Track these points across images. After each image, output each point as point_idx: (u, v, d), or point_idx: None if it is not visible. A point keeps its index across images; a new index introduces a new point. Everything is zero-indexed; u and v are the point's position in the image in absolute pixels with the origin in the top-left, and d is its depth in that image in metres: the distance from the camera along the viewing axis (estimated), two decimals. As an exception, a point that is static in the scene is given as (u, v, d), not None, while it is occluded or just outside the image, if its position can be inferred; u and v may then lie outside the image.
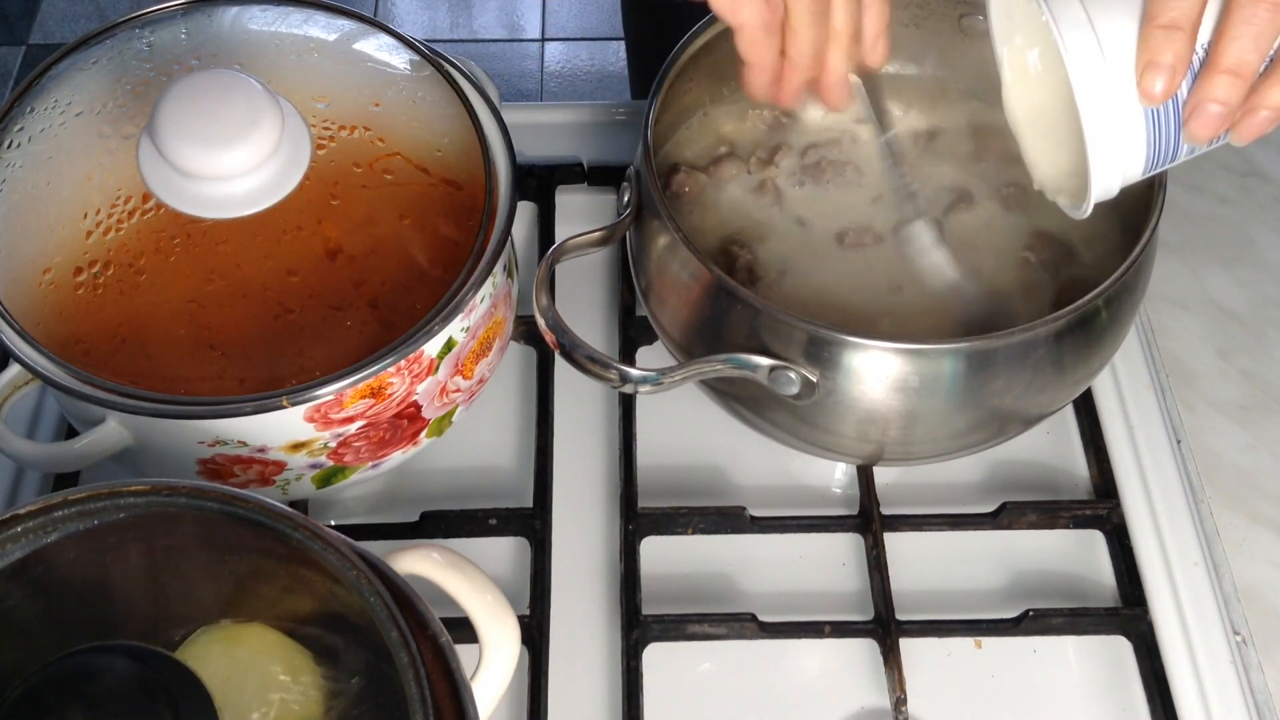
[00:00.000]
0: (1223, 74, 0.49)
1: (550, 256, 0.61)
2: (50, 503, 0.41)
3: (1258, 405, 0.73)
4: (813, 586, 0.67)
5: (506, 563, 0.67)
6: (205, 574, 0.46)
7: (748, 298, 0.58)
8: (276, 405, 0.55)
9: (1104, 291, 0.58)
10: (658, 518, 0.67)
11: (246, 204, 0.57)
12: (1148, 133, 0.52)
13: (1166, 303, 0.77)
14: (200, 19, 0.64)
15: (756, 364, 0.58)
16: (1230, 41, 0.49)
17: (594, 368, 0.58)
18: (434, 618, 0.43)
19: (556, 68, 2.16)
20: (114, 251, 0.57)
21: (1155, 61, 0.49)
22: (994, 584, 0.67)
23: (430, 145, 0.62)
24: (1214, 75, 0.50)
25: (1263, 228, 0.81)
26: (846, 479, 0.71)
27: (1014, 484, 0.70)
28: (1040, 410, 0.63)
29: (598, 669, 0.64)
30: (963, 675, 0.64)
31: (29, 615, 0.43)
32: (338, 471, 0.61)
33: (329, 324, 0.57)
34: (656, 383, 0.58)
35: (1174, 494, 0.69)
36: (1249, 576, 0.67)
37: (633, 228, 0.64)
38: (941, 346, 0.57)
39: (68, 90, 0.61)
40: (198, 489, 0.42)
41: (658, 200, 0.61)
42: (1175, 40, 0.49)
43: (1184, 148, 0.53)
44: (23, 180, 0.59)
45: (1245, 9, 0.49)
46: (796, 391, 0.58)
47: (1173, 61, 0.49)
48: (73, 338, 0.56)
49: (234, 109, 0.56)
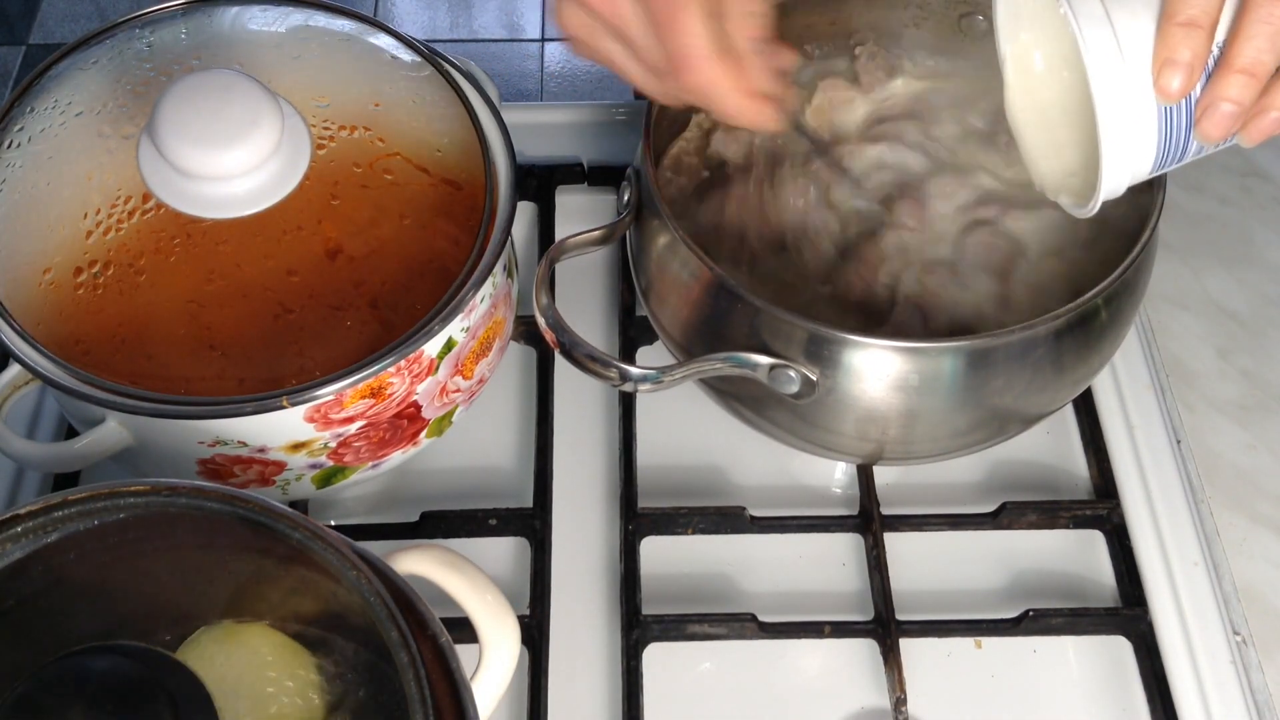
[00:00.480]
0: (1237, 73, 0.49)
1: (550, 255, 0.61)
2: (50, 503, 0.41)
3: (1258, 405, 0.73)
4: (813, 586, 0.67)
5: (506, 563, 0.67)
6: (205, 574, 0.46)
7: (748, 296, 0.58)
8: (276, 405, 0.55)
9: (1104, 290, 0.58)
10: (658, 518, 0.67)
11: (246, 204, 0.57)
12: (1159, 131, 0.52)
13: (1166, 303, 0.77)
14: (200, 19, 0.64)
15: (756, 362, 0.58)
16: (1246, 41, 0.48)
17: (594, 366, 0.58)
18: (434, 618, 0.43)
19: (556, 68, 2.16)
20: (114, 251, 0.57)
21: (1173, 59, 0.49)
22: (994, 584, 0.67)
23: (430, 145, 0.62)
24: (1228, 74, 0.49)
25: (1263, 228, 0.81)
26: (846, 479, 0.71)
27: (1014, 484, 0.70)
28: (1040, 409, 0.63)
29: (598, 669, 0.64)
30: (963, 675, 0.64)
31: (29, 615, 0.43)
32: (338, 471, 0.61)
33: (329, 324, 0.57)
34: (657, 381, 0.58)
35: (1174, 494, 0.69)
36: (1249, 576, 0.67)
37: (633, 227, 0.64)
38: (942, 345, 0.57)
39: (68, 90, 0.61)
40: (198, 489, 0.42)
41: (657, 199, 0.61)
42: (1193, 38, 0.48)
43: (1193, 146, 0.53)
44: (23, 180, 0.59)
45: (1262, 8, 0.48)
46: (797, 390, 0.58)
47: (1190, 59, 0.49)
48: (73, 338, 0.56)
49: (234, 109, 0.56)
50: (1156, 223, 0.60)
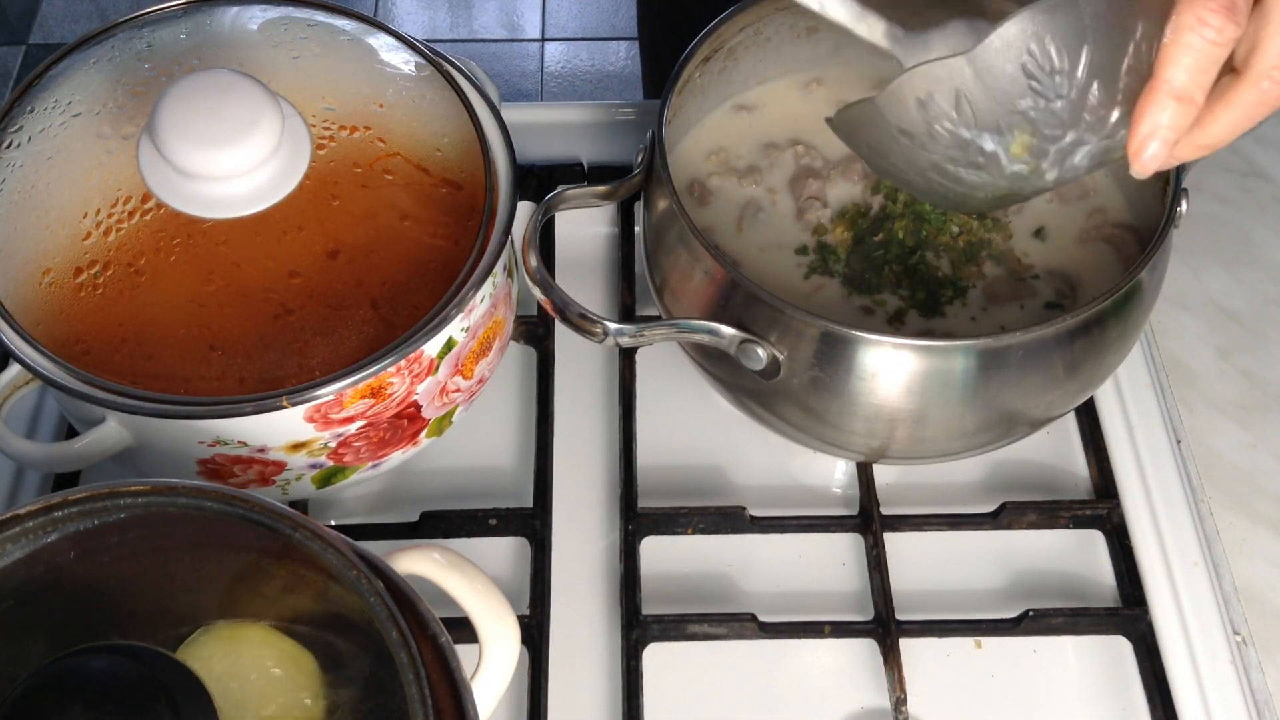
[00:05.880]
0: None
1: (547, 203, 0.61)
2: (50, 503, 0.41)
3: (1258, 405, 0.73)
4: (813, 586, 0.67)
5: (506, 563, 0.67)
6: (205, 574, 0.46)
7: (730, 271, 0.59)
8: (276, 405, 0.55)
9: (1113, 293, 0.58)
10: (658, 518, 0.67)
11: (246, 204, 0.57)
12: None
13: (1166, 303, 0.77)
14: (200, 19, 0.64)
15: (723, 333, 0.59)
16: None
17: (583, 324, 0.60)
18: (434, 618, 0.43)
19: (556, 68, 2.16)
20: (114, 251, 0.57)
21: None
22: (994, 584, 0.67)
23: (430, 145, 0.62)
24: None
25: (1263, 228, 0.81)
26: (846, 479, 0.71)
27: (1014, 484, 0.70)
28: (1048, 413, 0.63)
29: (598, 669, 0.64)
30: (963, 675, 0.64)
31: (29, 615, 0.43)
32: (338, 471, 0.61)
33: (329, 324, 0.57)
34: (635, 335, 0.60)
35: (1174, 494, 0.69)
36: (1249, 576, 0.67)
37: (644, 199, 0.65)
38: (954, 345, 0.57)
39: (68, 90, 0.61)
40: (198, 489, 0.42)
41: (659, 166, 0.61)
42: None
43: None
44: (23, 180, 0.59)
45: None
46: (762, 367, 0.59)
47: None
48: (73, 338, 0.56)
49: (234, 109, 0.56)
50: (1166, 226, 0.60)
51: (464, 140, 0.62)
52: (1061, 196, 0.68)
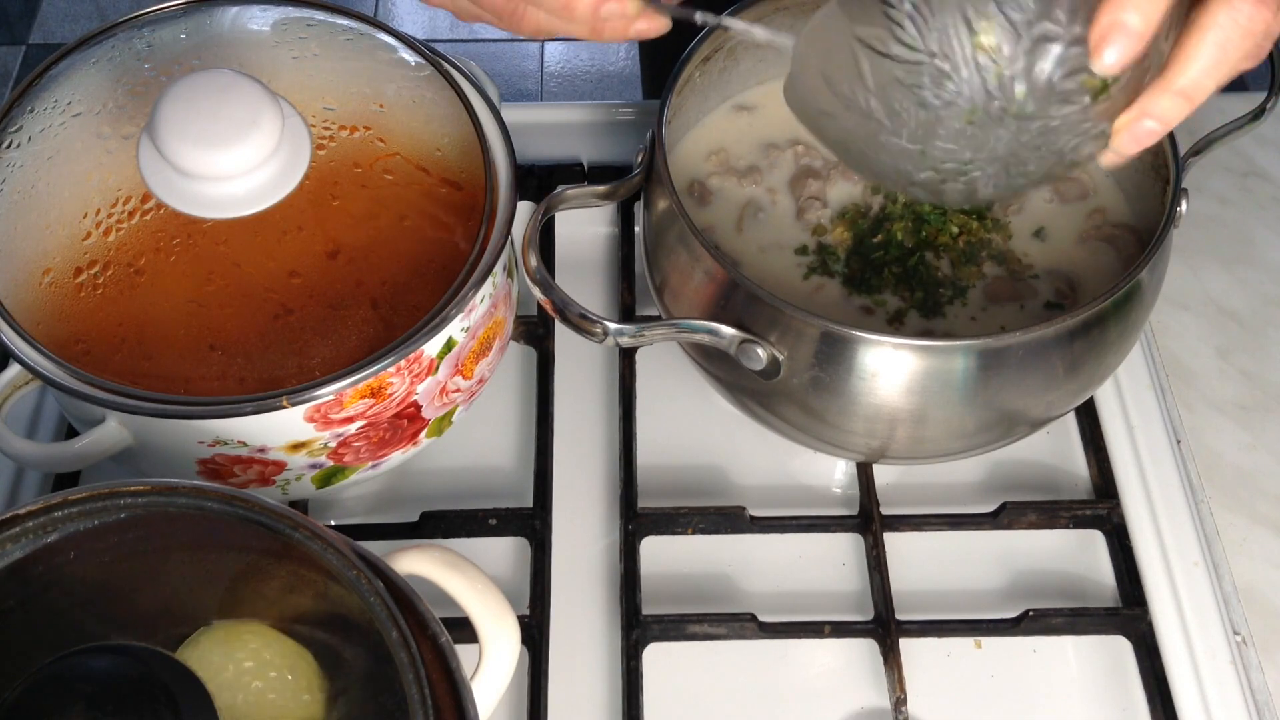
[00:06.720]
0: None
1: (547, 202, 0.61)
2: (50, 503, 0.41)
3: (1258, 405, 0.73)
4: (812, 586, 0.67)
5: (506, 563, 0.67)
6: (205, 574, 0.46)
7: (731, 271, 0.59)
8: (276, 405, 0.55)
9: (1114, 293, 0.58)
10: (658, 518, 0.67)
11: (246, 204, 0.57)
12: None
13: (1166, 303, 0.77)
14: (200, 19, 0.64)
15: (725, 333, 0.59)
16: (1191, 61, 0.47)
17: (583, 324, 0.60)
18: (434, 618, 0.43)
19: (556, 68, 2.16)
20: (114, 251, 0.57)
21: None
22: (994, 584, 0.67)
23: (430, 145, 0.62)
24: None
25: (1263, 228, 0.81)
26: (846, 479, 0.71)
27: (1014, 484, 0.70)
28: (1048, 413, 0.63)
29: (598, 669, 0.64)
30: (963, 675, 0.64)
31: (29, 615, 0.43)
32: (338, 471, 0.61)
33: (329, 324, 0.57)
34: (635, 335, 0.60)
35: (1174, 494, 0.69)
36: (1249, 576, 0.67)
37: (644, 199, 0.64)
38: (942, 344, 0.57)
39: (68, 90, 0.61)
40: (198, 489, 0.42)
41: (660, 166, 0.61)
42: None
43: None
44: (23, 180, 0.59)
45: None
46: (762, 368, 0.59)
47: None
48: (73, 338, 0.56)
49: (234, 109, 0.56)
50: (1166, 226, 0.60)
51: (464, 140, 0.62)
52: (1062, 196, 0.68)
